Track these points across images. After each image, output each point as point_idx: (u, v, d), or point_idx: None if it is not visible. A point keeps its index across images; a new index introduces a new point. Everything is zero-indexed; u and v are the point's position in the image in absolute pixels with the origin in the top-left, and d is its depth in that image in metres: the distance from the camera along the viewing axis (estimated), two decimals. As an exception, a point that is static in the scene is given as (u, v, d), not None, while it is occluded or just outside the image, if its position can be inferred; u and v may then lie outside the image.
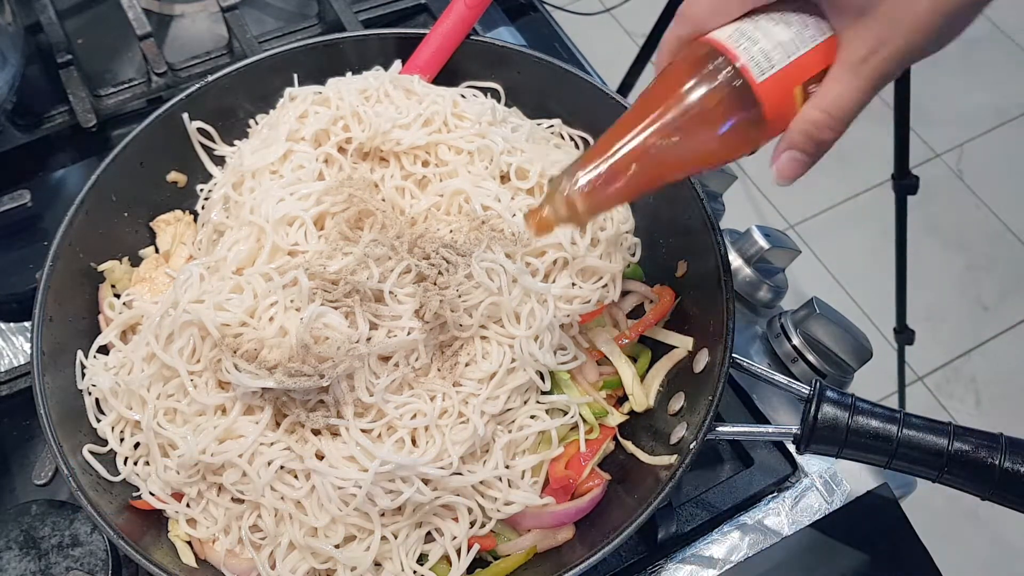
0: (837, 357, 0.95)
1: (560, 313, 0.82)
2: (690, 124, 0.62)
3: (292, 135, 0.88)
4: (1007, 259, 2.47)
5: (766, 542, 0.86)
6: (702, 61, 0.62)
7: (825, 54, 0.62)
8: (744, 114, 0.62)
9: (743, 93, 0.61)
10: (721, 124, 0.62)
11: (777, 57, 0.61)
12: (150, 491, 0.78)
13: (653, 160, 0.63)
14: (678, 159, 0.64)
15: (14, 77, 1.03)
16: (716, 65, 0.61)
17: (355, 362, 0.74)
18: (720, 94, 0.61)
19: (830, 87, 0.61)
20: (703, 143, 0.63)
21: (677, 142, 0.62)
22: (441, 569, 0.76)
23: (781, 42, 0.61)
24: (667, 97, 0.62)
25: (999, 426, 0.75)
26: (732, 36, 0.62)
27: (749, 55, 0.61)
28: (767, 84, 0.61)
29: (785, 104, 0.62)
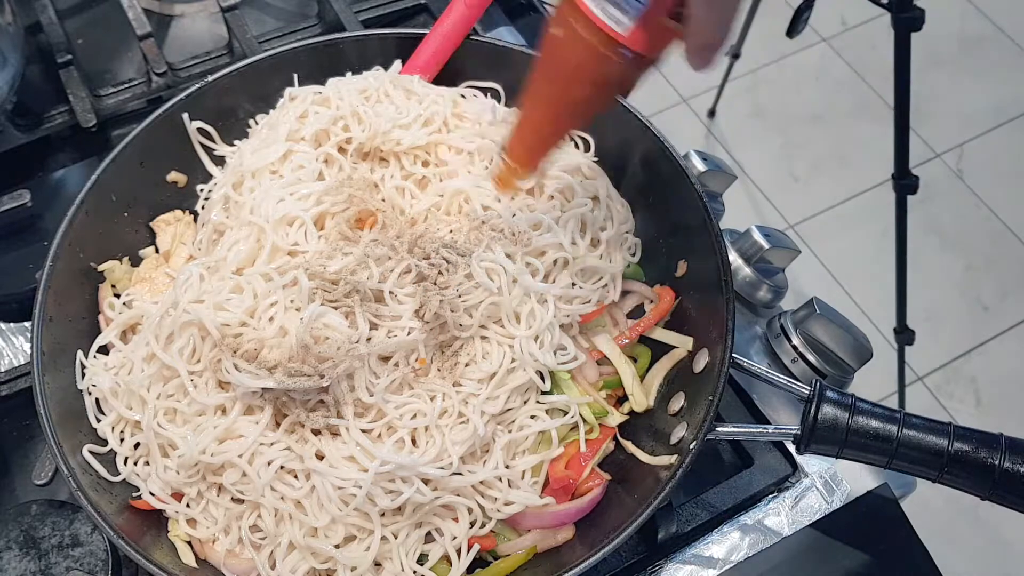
0: (837, 357, 0.95)
1: (560, 313, 0.82)
2: (568, 75, 0.68)
3: (292, 135, 0.88)
4: (1007, 259, 2.47)
5: (766, 542, 0.86)
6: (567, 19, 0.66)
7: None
8: (614, 61, 0.65)
9: (610, 44, 0.64)
10: (592, 76, 0.67)
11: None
12: (150, 491, 0.78)
13: (546, 108, 0.72)
14: (566, 104, 0.71)
15: (14, 77, 1.03)
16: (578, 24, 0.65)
17: (355, 362, 0.74)
18: (587, 49, 0.65)
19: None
20: (581, 91, 0.69)
21: (560, 92, 0.70)
22: (441, 569, 0.76)
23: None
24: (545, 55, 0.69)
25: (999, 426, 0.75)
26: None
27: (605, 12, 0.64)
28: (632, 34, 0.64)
29: (654, 35, 0.65)
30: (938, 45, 2.77)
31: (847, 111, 2.71)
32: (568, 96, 0.70)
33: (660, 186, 0.90)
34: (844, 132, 2.67)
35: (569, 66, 0.67)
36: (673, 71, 2.73)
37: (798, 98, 2.73)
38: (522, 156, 0.75)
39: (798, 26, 1.82)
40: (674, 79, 2.72)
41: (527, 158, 0.75)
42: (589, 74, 0.67)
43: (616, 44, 0.64)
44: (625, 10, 0.63)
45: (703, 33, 0.62)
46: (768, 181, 2.58)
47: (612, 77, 0.67)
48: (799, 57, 2.80)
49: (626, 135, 0.90)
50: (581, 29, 0.64)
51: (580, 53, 0.66)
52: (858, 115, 2.70)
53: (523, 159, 0.75)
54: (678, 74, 2.70)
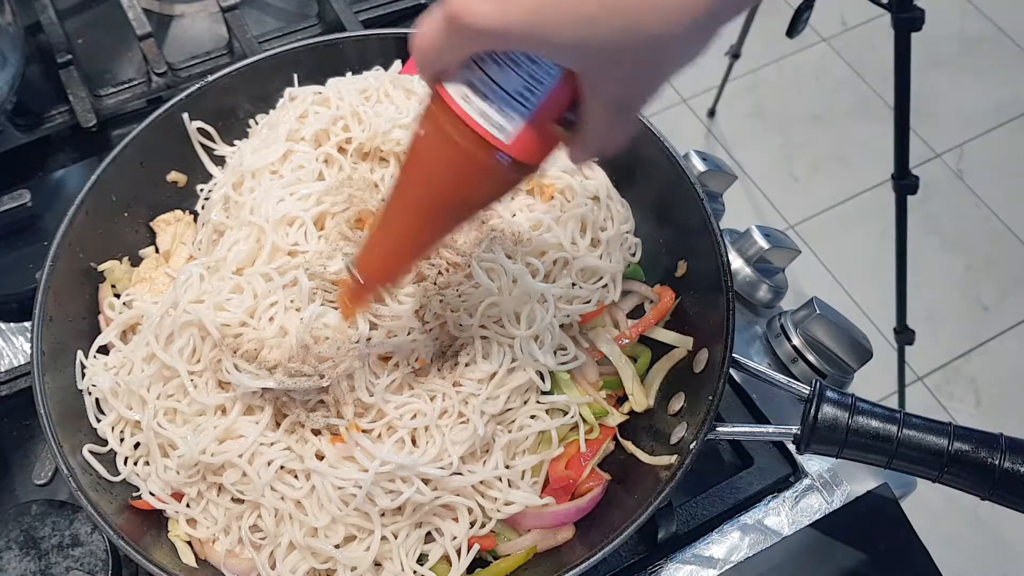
0: (837, 357, 0.95)
1: (560, 313, 0.82)
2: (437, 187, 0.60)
3: (292, 135, 0.88)
4: (1007, 259, 2.47)
5: (766, 542, 0.86)
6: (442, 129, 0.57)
7: (566, 86, 0.55)
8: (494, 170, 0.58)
9: (489, 152, 0.56)
10: (470, 187, 0.59)
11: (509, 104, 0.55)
12: (150, 491, 0.78)
13: (410, 217, 0.63)
14: (432, 218, 0.63)
15: (14, 77, 1.03)
16: (457, 133, 0.57)
17: (355, 362, 0.74)
18: (463, 161, 0.57)
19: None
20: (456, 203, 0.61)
21: (428, 201, 0.61)
22: (441, 569, 0.76)
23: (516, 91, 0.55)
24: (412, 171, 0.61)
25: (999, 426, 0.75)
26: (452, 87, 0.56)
27: (476, 104, 0.55)
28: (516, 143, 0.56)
29: (539, 147, 0.58)
30: (938, 45, 2.77)
31: (847, 111, 2.71)
32: (436, 205, 0.61)
33: (660, 186, 0.90)
34: (844, 132, 2.67)
35: (439, 174, 0.59)
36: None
37: (798, 98, 2.73)
38: (378, 272, 0.68)
39: (798, 26, 1.82)
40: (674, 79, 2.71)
41: (383, 274, 0.68)
42: (463, 182, 0.59)
43: (495, 151, 0.56)
44: (507, 114, 0.55)
45: (597, 142, 0.57)
46: (768, 181, 2.58)
47: (489, 185, 0.59)
48: (799, 57, 2.80)
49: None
50: (454, 134, 0.56)
51: (453, 159, 0.57)
52: (858, 115, 2.70)
53: (379, 275, 0.68)
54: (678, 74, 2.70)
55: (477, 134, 0.55)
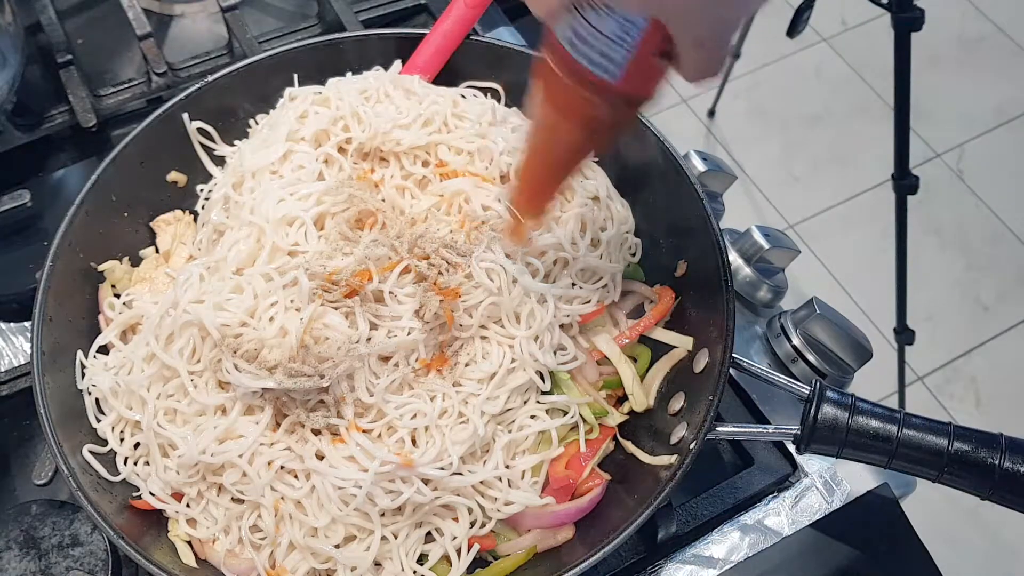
0: (837, 357, 0.95)
1: (560, 313, 0.82)
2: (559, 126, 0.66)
3: (292, 135, 0.88)
4: (1007, 259, 2.47)
5: (766, 542, 0.86)
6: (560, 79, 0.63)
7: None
8: (607, 107, 0.63)
9: (601, 91, 0.62)
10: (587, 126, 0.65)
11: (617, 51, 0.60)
12: (150, 491, 0.78)
13: (543, 158, 0.70)
14: (562, 154, 0.70)
15: (14, 77, 1.03)
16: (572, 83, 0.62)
17: (355, 362, 0.74)
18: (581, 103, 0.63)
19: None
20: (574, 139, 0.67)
21: (555, 142, 0.68)
22: (441, 569, 0.76)
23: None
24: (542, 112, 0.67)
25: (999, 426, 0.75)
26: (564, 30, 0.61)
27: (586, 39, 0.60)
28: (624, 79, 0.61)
29: (648, 75, 0.63)
30: (938, 45, 2.77)
31: (847, 111, 2.71)
32: (564, 146, 0.68)
33: (660, 186, 0.90)
34: (844, 132, 2.67)
35: (562, 116, 0.65)
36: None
37: (798, 98, 2.73)
38: (527, 207, 0.76)
39: (798, 26, 1.82)
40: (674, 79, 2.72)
41: (533, 208, 0.76)
42: (584, 122, 0.65)
43: (607, 89, 0.61)
44: (610, 56, 0.60)
45: (696, 68, 0.61)
46: (768, 181, 2.58)
47: (607, 122, 0.65)
48: (799, 57, 2.80)
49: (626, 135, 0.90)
50: (569, 77, 0.62)
51: (572, 101, 0.63)
52: (858, 115, 2.70)
53: (529, 210, 0.76)
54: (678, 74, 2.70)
55: (586, 76, 0.61)
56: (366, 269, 0.77)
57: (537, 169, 0.72)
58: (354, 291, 0.77)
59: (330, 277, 0.77)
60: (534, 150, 0.71)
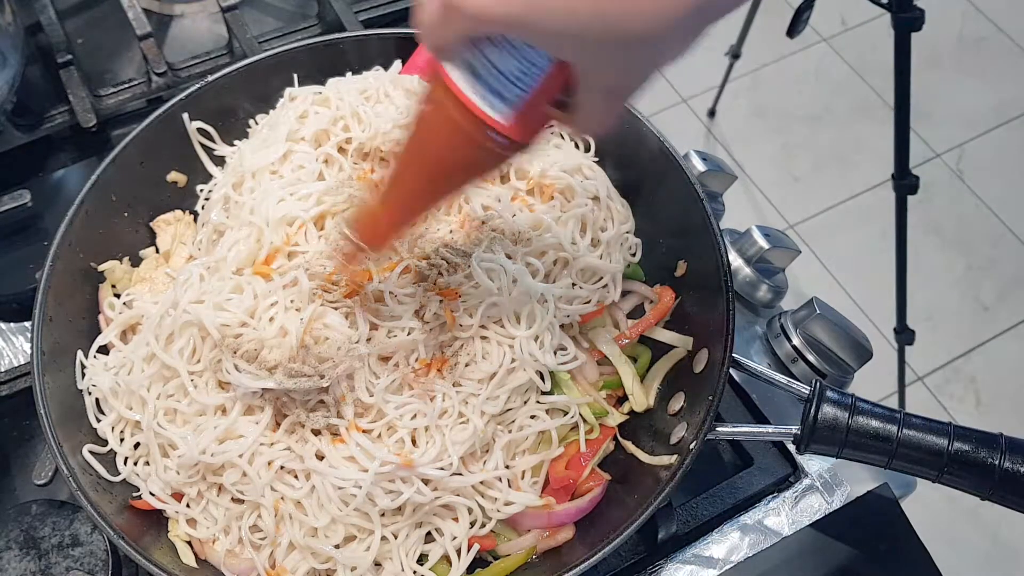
0: (837, 357, 0.95)
1: (560, 313, 0.82)
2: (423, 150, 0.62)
3: (292, 135, 0.88)
4: (1007, 259, 2.47)
5: (766, 542, 0.86)
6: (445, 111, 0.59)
7: (560, 72, 0.57)
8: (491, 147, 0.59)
9: (483, 130, 0.58)
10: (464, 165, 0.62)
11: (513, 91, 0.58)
12: (150, 491, 0.78)
13: (408, 189, 0.66)
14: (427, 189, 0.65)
15: (14, 77, 1.03)
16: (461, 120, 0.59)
17: (355, 362, 0.74)
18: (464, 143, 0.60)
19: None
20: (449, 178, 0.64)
21: (425, 174, 0.64)
22: (441, 569, 0.76)
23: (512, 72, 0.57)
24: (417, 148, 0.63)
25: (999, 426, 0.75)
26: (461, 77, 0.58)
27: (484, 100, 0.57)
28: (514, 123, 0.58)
29: (536, 122, 0.60)
30: (938, 45, 2.77)
31: (847, 111, 2.71)
32: (432, 176, 0.64)
33: (660, 186, 0.90)
34: (844, 132, 2.67)
35: (437, 147, 0.61)
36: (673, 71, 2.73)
37: (798, 98, 2.73)
38: (374, 236, 0.70)
39: (798, 26, 1.82)
40: (674, 79, 2.72)
41: (379, 238, 0.70)
42: (459, 158, 0.61)
43: (490, 129, 0.58)
44: (504, 97, 0.57)
45: (590, 123, 0.59)
46: (768, 181, 2.58)
47: (484, 161, 0.62)
48: (799, 57, 2.80)
49: (626, 135, 0.90)
50: (453, 111, 0.58)
51: (452, 136, 0.59)
52: (858, 115, 2.70)
53: (375, 239, 0.70)
54: (678, 74, 2.70)
55: (473, 113, 0.57)
56: (366, 269, 0.77)
57: (395, 194, 0.66)
58: (354, 291, 0.77)
59: (330, 277, 0.77)
60: (398, 175, 0.66)
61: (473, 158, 0.61)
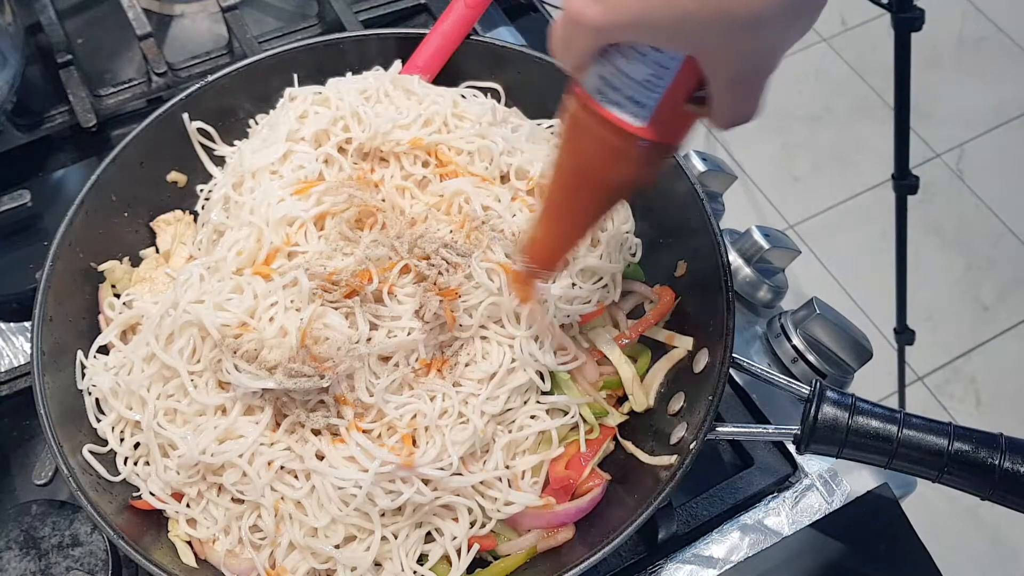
0: (837, 357, 0.95)
1: (560, 313, 0.82)
2: (588, 182, 0.64)
3: (292, 135, 0.88)
4: (1007, 259, 2.47)
5: (766, 542, 0.86)
6: (588, 127, 0.61)
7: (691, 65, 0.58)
8: (634, 158, 0.61)
9: (628, 139, 0.60)
10: (615, 178, 0.63)
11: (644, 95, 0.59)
12: (150, 491, 0.78)
13: (567, 209, 0.68)
14: (583, 209, 0.67)
15: (14, 77, 1.03)
16: (601, 130, 0.60)
17: (355, 362, 0.74)
18: (609, 152, 0.61)
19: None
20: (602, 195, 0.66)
21: (581, 193, 0.66)
22: (441, 569, 0.76)
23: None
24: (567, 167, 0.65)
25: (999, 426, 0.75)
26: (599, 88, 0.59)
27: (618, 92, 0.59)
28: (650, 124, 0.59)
29: (679, 125, 0.61)
30: (938, 45, 2.77)
31: (847, 111, 2.71)
32: (588, 193, 0.66)
33: (660, 186, 0.90)
34: (844, 132, 2.67)
35: (587, 164, 0.63)
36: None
37: (798, 98, 2.73)
38: (544, 259, 0.72)
39: (798, 26, 1.82)
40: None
41: (550, 261, 0.72)
42: (610, 169, 0.62)
43: (635, 138, 0.59)
44: (641, 103, 0.58)
45: (729, 114, 0.59)
46: (768, 181, 2.58)
47: (634, 170, 0.62)
48: (799, 57, 2.80)
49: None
50: (593, 125, 0.60)
51: (601, 152, 0.61)
52: (858, 115, 2.70)
53: (546, 262, 0.72)
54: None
55: (616, 126, 0.59)
56: (366, 269, 0.77)
57: (557, 215, 0.69)
58: (354, 291, 0.77)
59: (330, 277, 0.77)
60: (556, 196, 0.67)
61: (625, 169, 0.62)
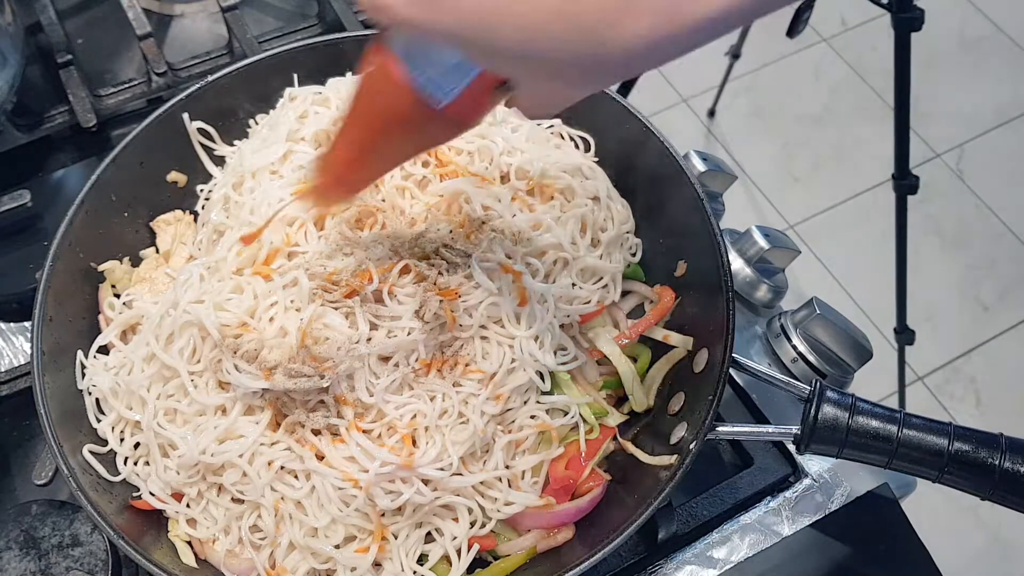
0: (837, 357, 0.95)
1: (560, 313, 0.82)
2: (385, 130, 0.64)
3: (292, 135, 0.88)
4: (1007, 259, 2.47)
5: (766, 542, 0.86)
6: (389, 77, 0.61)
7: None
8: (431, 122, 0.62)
9: (425, 112, 0.60)
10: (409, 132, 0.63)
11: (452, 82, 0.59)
12: (150, 491, 0.78)
13: (358, 145, 0.66)
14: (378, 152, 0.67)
15: (14, 77, 1.03)
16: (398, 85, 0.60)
17: (355, 362, 0.74)
18: (404, 110, 0.61)
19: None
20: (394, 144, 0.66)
21: (372, 135, 0.65)
22: (441, 569, 0.76)
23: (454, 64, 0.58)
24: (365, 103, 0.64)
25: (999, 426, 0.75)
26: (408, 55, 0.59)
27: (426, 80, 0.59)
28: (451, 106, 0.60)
29: (479, 106, 0.61)
30: (938, 45, 2.77)
31: (847, 111, 2.71)
32: (378, 137, 0.65)
33: (660, 186, 0.90)
34: (844, 132, 2.67)
35: (382, 115, 0.62)
36: (673, 71, 2.73)
37: (798, 98, 2.73)
38: (331, 182, 0.71)
39: (798, 26, 1.82)
40: (674, 79, 2.72)
41: (335, 186, 0.71)
42: (402, 128, 0.63)
43: (431, 110, 0.59)
44: (444, 85, 0.58)
45: (532, 111, 0.59)
46: (768, 181, 2.58)
47: (425, 134, 0.64)
48: (799, 57, 2.80)
49: (626, 135, 0.90)
50: (395, 89, 0.59)
51: (394, 108, 0.61)
52: (858, 115, 2.70)
53: (331, 186, 0.71)
54: (678, 74, 2.70)
55: (414, 96, 0.59)
56: (366, 270, 0.77)
57: (346, 145, 0.67)
58: (354, 291, 0.77)
59: (330, 277, 0.77)
60: (350, 127, 0.66)
61: (416, 131, 0.63)
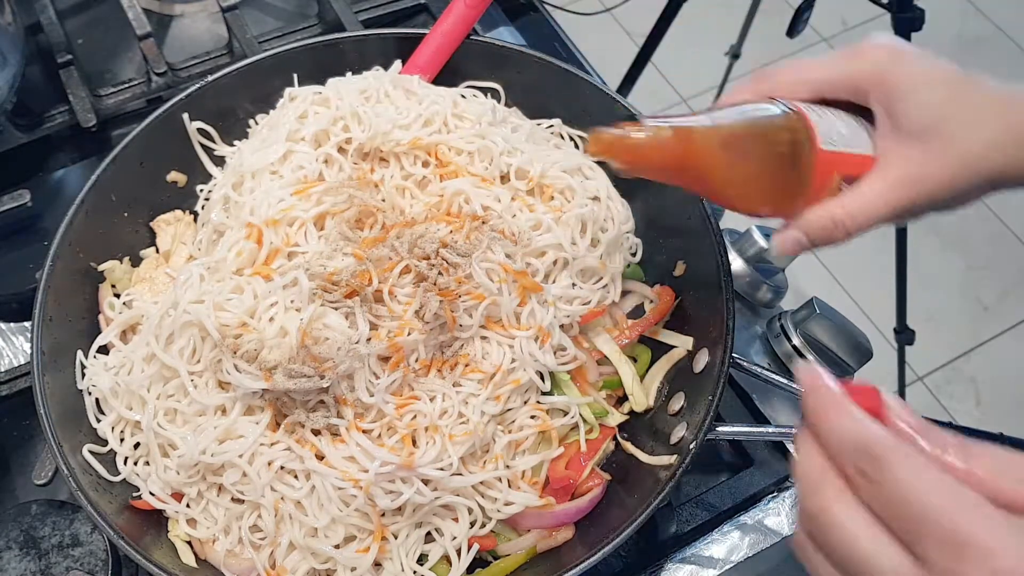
0: (837, 357, 0.95)
1: (560, 313, 0.82)
2: (747, 149, 0.65)
3: (292, 135, 0.88)
4: (1007, 259, 2.47)
5: (766, 542, 0.86)
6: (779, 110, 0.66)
7: (864, 164, 0.66)
8: (791, 170, 0.65)
9: (802, 150, 0.64)
10: (771, 166, 0.65)
11: (837, 140, 0.65)
12: (150, 491, 0.78)
13: (697, 156, 0.66)
14: (716, 174, 0.67)
15: (14, 77, 1.03)
16: (791, 117, 0.65)
17: (355, 363, 0.74)
18: (785, 139, 0.64)
19: (862, 192, 0.64)
20: (745, 175, 0.66)
21: (726, 159, 0.65)
22: (441, 569, 0.76)
23: (841, 133, 0.66)
24: (740, 121, 0.66)
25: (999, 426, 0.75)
26: (805, 106, 0.66)
27: (819, 125, 0.65)
28: (825, 155, 0.65)
29: (825, 182, 0.66)
30: (938, 45, 2.76)
31: (847, 111, 2.71)
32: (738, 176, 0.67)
33: (660, 186, 0.89)
34: (844, 132, 2.67)
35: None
36: (673, 71, 2.73)
37: (798, 98, 2.73)
38: (630, 159, 0.70)
39: (798, 26, 1.82)
40: (674, 79, 2.72)
41: (625, 157, 0.70)
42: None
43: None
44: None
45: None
46: (768, 181, 2.58)
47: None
48: (799, 57, 2.79)
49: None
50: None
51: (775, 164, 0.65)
52: (858, 115, 2.70)
53: (628, 160, 0.70)
54: (678, 74, 2.70)
55: (809, 128, 0.66)
56: (366, 270, 0.77)
57: (676, 148, 0.67)
58: (354, 291, 0.77)
59: (330, 277, 0.77)
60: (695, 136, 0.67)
61: (775, 164, 0.66)
